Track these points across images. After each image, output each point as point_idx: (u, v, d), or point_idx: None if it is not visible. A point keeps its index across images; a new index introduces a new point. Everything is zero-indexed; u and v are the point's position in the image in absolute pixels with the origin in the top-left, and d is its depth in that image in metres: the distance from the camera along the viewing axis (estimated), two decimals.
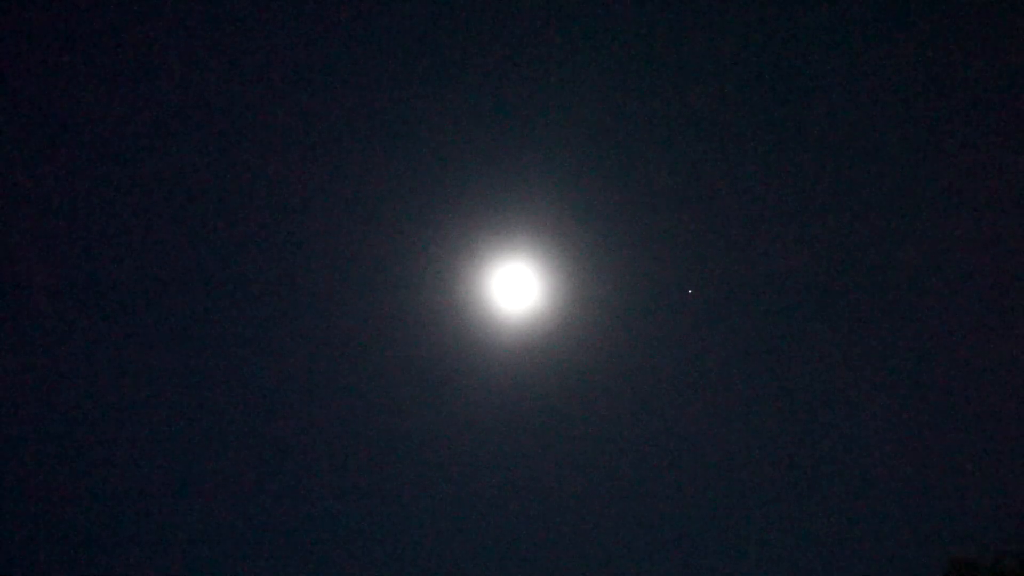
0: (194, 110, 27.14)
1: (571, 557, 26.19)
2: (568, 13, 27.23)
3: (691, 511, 26.41)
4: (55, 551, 25.93)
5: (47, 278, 26.76)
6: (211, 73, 27.11)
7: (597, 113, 27.45)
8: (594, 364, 27.12)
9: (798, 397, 26.82)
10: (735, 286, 27.33)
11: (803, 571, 25.24)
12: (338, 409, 27.22)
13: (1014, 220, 26.44)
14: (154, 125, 27.07)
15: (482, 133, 27.25)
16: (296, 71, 27.24)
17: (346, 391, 27.25)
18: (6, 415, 26.44)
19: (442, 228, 27.11)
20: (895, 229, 27.15)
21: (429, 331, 27.01)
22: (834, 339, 27.00)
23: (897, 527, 25.36)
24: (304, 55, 27.18)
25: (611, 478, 26.90)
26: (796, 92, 27.45)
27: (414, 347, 27.05)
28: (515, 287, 27.21)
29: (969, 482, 25.31)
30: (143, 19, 26.63)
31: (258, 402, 27.19)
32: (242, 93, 27.22)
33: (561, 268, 27.15)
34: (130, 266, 27.13)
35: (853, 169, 27.40)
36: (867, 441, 26.37)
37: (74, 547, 26.05)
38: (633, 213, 27.39)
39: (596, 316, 27.14)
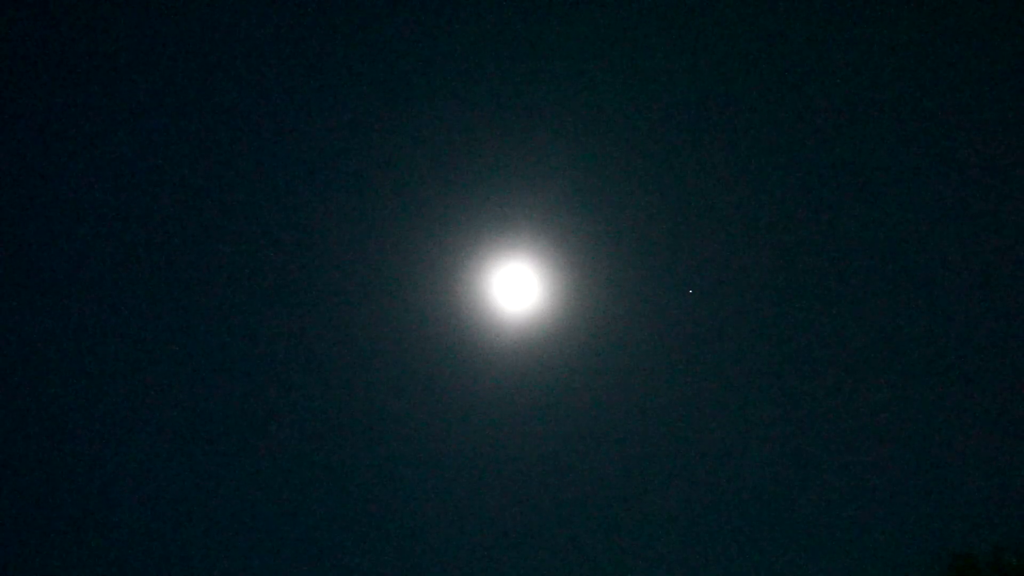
0: (195, 111, 27.48)
1: (571, 553, 26.18)
2: (569, 16, 27.50)
3: (691, 508, 26.39)
4: (55, 551, 26.07)
5: (51, 276, 27.05)
6: (214, 74, 27.45)
7: (597, 115, 27.67)
8: (594, 363, 27.19)
9: (797, 394, 26.83)
10: (734, 285, 27.42)
11: (807, 566, 25.18)
12: (340, 407, 27.34)
13: (1013, 220, 26.50)
14: (154, 126, 27.43)
15: (483, 135, 27.48)
16: (298, 73, 27.57)
17: (348, 389, 27.38)
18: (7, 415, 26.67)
19: (443, 228, 27.30)
20: (893, 229, 27.24)
21: (430, 330, 27.15)
22: (833, 336, 27.04)
23: (899, 523, 25.31)
24: (307, 57, 27.51)
25: (610, 475, 26.92)
26: (794, 94, 27.63)
27: (415, 346, 27.19)
28: (515, 287, 27.33)
29: (969, 478, 25.26)
30: (149, 20, 27.02)
31: (261, 401, 27.34)
32: (245, 94, 27.55)
33: (561, 268, 27.28)
34: (131, 268, 27.41)
35: (851, 171, 27.51)
36: (868, 438, 26.35)
37: (76, 547, 26.19)
38: (633, 213, 27.53)
39: (596, 316, 27.24)
